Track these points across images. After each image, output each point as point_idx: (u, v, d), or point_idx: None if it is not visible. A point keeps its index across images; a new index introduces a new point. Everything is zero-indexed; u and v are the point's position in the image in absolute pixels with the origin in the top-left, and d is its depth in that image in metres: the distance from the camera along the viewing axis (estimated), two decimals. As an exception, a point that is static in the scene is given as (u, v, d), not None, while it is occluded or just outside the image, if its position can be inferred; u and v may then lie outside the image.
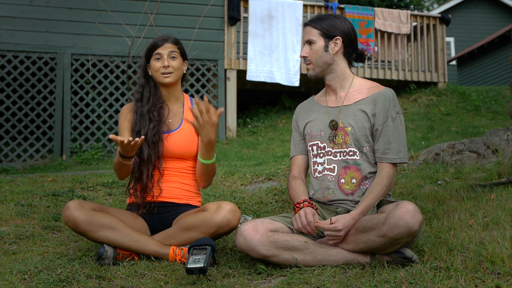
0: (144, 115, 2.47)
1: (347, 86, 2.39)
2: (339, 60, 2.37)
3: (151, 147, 2.43)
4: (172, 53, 2.50)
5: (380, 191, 2.22)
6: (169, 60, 2.48)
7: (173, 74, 2.50)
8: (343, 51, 2.37)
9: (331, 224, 2.12)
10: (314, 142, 2.40)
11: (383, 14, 8.51)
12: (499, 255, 1.89)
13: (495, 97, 9.29)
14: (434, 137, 6.73)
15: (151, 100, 2.51)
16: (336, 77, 2.39)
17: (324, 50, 2.34)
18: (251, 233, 2.10)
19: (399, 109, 2.32)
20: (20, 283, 2.05)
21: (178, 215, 2.47)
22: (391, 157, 2.28)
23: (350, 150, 2.31)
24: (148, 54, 2.53)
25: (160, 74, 2.48)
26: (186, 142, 2.50)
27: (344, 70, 2.39)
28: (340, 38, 2.34)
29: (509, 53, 14.31)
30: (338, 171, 2.32)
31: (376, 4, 20.64)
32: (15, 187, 4.14)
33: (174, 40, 2.54)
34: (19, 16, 7.02)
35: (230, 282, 1.99)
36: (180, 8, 7.65)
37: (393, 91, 2.35)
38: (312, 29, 2.36)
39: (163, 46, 2.49)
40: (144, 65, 2.55)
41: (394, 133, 2.29)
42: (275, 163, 4.62)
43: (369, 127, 2.30)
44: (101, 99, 7.33)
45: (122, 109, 2.58)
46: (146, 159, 2.42)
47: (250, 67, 7.59)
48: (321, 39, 2.35)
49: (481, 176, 3.38)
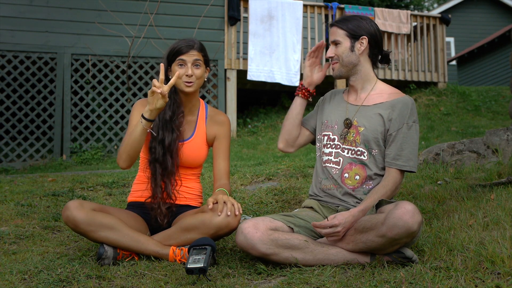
0: (167, 124, 2.42)
1: (369, 88, 2.41)
2: (364, 61, 2.38)
3: (174, 157, 2.43)
4: (196, 61, 2.41)
5: (383, 194, 2.23)
6: (193, 69, 2.40)
7: (195, 84, 2.43)
8: (369, 51, 2.38)
9: (328, 221, 2.12)
10: (327, 133, 2.43)
11: (383, 14, 8.51)
12: (499, 255, 1.89)
13: (495, 97, 9.29)
14: (434, 137, 6.73)
15: (172, 107, 2.45)
16: (360, 78, 2.40)
17: (350, 51, 2.35)
18: (251, 231, 2.10)
19: (416, 118, 2.33)
20: (20, 283, 2.05)
21: (178, 215, 2.47)
22: (401, 164, 2.29)
23: (359, 150, 2.33)
24: (171, 59, 2.43)
25: (182, 81, 2.41)
26: (196, 152, 2.51)
27: (368, 72, 2.41)
28: (366, 38, 2.35)
29: (509, 53, 14.31)
30: (342, 165, 2.34)
31: (376, 4, 20.63)
32: (15, 187, 4.14)
33: (199, 47, 2.43)
34: (19, 16, 7.02)
35: (230, 282, 1.99)
36: (180, 8, 7.66)
37: (413, 100, 2.37)
38: (338, 30, 2.37)
39: (189, 53, 2.39)
40: (165, 69, 2.45)
41: (408, 140, 2.30)
42: (275, 163, 4.62)
43: (383, 131, 2.31)
44: (101, 99, 7.33)
45: (136, 103, 2.52)
46: (170, 170, 2.42)
47: (250, 67, 7.60)
48: (347, 39, 2.35)
49: (481, 176, 3.38)
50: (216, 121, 2.57)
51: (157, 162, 2.42)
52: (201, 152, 2.53)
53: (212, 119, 2.57)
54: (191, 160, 2.50)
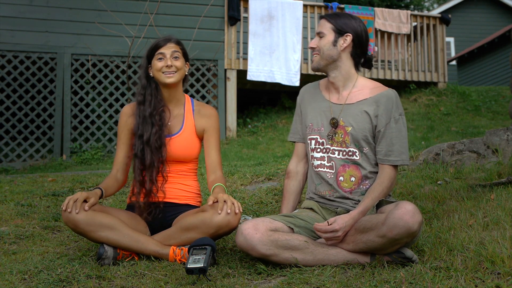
0: (147, 119, 2.45)
1: (350, 86, 2.38)
2: (345, 58, 2.36)
3: (154, 152, 2.43)
4: (175, 53, 2.48)
5: (381, 192, 2.23)
6: (172, 60, 2.46)
7: (176, 74, 2.47)
8: (351, 50, 2.36)
9: (329, 226, 2.12)
10: (313, 136, 2.40)
11: (383, 14, 8.52)
12: (499, 255, 1.89)
13: (495, 97, 9.29)
14: (434, 137, 6.73)
15: (153, 102, 2.48)
16: (340, 75, 2.37)
17: (332, 45, 2.34)
18: (251, 232, 2.10)
19: (401, 111, 2.32)
20: (20, 283, 2.05)
21: (178, 215, 2.47)
22: (393, 159, 2.28)
23: (350, 150, 2.31)
24: (150, 55, 2.50)
25: (162, 73, 2.46)
26: (187, 146, 2.50)
27: (349, 69, 2.38)
28: (350, 35, 2.33)
29: (509, 53, 14.31)
30: (336, 169, 2.32)
31: (376, 4, 20.63)
32: (15, 187, 4.14)
33: (176, 41, 2.52)
34: (19, 16, 7.02)
35: (230, 282, 1.99)
36: (180, 8, 7.65)
37: (396, 92, 2.35)
38: (326, 23, 2.37)
39: (166, 46, 2.47)
40: (146, 66, 2.52)
41: (397, 135, 2.29)
42: (275, 163, 4.62)
43: (370, 128, 2.30)
44: (101, 99, 7.33)
45: (122, 111, 2.57)
46: (149, 165, 2.42)
47: (250, 67, 7.60)
48: (332, 33, 2.34)
49: (481, 176, 3.38)
50: (204, 114, 2.57)
51: (136, 158, 2.44)
52: (193, 145, 2.52)
53: (199, 112, 2.58)
54: (183, 154, 2.50)
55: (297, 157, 2.53)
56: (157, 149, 2.43)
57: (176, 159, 2.50)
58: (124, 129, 2.53)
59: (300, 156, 2.51)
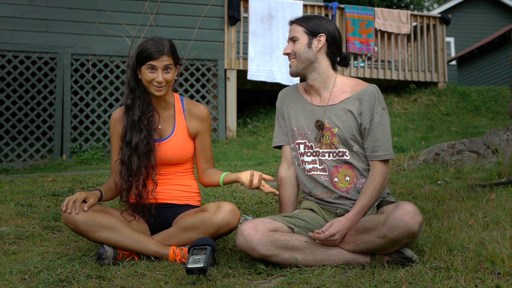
0: (135, 124, 2.40)
1: (331, 86, 2.37)
2: (322, 59, 2.35)
3: (141, 159, 2.39)
4: (167, 66, 2.35)
5: (373, 190, 2.22)
6: (163, 74, 2.34)
7: (166, 87, 2.39)
8: (326, 50, 2.35)
9: (325, 232, 2.11)
10: (301, 141, 2.39)
11: (383, 14, 8.52)
12: (499, 255, 1.89)
13: (495, 97, 9.29)
14: (434, 137, 6.73)
15: (142, 107, 2.42)
16: (319, 76, 2.36)
17: (307, 47, 2.33)
18: (251, 233, 2.10)
19: (384, 105, 2.32)
20: (20, 283, 2.05)
21: (178, 215, 2.47)
22: (381, 154, 2.27)
23: (339, 151, 2.31)
24: (140, 60, 2.36)
25: (152, 85, 2.37)
26: (180, 148, 2.47)
27: (327, 69, 2.36)
28: (324, 35, 2.32)
29: (509, 53, 14.31)
30: (329, 171, 2.32)
31: (376, 4, 20.63)
32: (15, 187, 4.13)
33: (169, 51, 2.36)
34: (19, 16, 7.02)
35: (230, 282, 1.99)
36: (180, 8, 7.65)
37: (377, 87, 2.34)
38: (297, 27, 2.36)
39: (159, 59, 2.32)
40: (135, 67, 2.40)
41: (382, 129, 2.28)
42: (275, 163, 4.62)
43: (356, 126, 2.29)
44: (101, 99, 7.33)
45: (111, 117, 2.53)
46: (135, 171, 2.38)
47: (251, 67, 7.60)
48: (305, 36, 2.33)
49: (481, 176, 3.38)
50: (196, 116, 2.51)
51: (123, 164, 2.40)
52: (186, 146, 2.49)
53: (190, 112, 2.51)
54: (178, 156, 2.48)
55: (286, 162, 2.48)
56: (145, 154, 2.39)
57: (171, 162, 2.47)
58: (115, 135, 2.50)
59: (290, 161, 2.47)
